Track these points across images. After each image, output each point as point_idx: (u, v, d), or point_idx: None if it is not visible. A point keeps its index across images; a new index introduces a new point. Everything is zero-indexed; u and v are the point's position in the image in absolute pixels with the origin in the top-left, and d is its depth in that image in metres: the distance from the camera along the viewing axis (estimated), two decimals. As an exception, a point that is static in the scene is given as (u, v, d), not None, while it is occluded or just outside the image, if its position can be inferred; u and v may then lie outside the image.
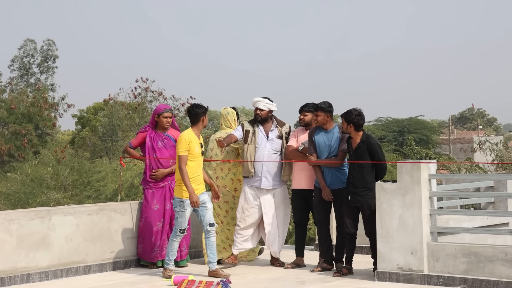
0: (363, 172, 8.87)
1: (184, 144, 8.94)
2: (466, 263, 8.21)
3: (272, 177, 9.69)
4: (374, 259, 8.94)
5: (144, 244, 9.72)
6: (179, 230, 9.00)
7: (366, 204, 8.89)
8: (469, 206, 13.00)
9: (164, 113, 9.78)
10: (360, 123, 8.89)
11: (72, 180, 26.87)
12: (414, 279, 8.45)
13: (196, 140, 9.03)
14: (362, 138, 8.91)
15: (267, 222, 9.74)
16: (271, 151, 9.72)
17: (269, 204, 9.73)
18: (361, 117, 8.90)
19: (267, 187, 9.71)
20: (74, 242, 9.31)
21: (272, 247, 9.81)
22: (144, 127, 9.93)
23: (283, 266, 9.75)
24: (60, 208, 9.42)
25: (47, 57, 50.15)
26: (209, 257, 9.11)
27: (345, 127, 8.95)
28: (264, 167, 9.68)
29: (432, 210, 8.57)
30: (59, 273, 9.13)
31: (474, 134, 59.39)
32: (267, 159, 9.66)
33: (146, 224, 9.71)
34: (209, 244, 9.07)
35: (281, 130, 9.80)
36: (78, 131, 43.84)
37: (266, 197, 9.74)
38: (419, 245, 8.45)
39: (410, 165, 8.60)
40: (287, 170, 9.76)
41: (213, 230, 9.05)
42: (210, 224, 9.03)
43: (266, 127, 9.81)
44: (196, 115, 9.07)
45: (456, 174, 10.95)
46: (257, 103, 9.76)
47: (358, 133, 8.93)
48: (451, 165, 23.11)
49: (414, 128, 49.66)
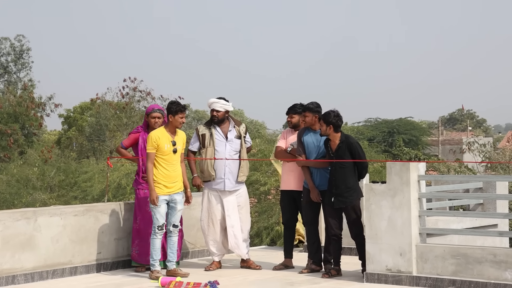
0: (345, 173, 8.89)
1: (150, 141, 9.06)
2: (455, 265, 8.24)
3: (234, 179, 9.62)
4: (362, 261, 8.97)
5: (140, 247, 9.68)
6: (157, 227, 9.05)
7: (351, 206, 8.92)
8: (458, 208, 13.05)
9: (153, 113, 9.76)
10: (339, 124, 8.95)
11: (58, 180, 26.77)
12: (402, 280, 8.47)
13: (167, 138, 9.07)
14: (341, 139, 8.96)
15: (230, 224, 9.63)
16: (231, 151, 9.64)
17: (232, 206, 9.65)
18: (339, 118, 8.97)
19: (231, 189, 9.63)
20: (60, 243, 9.29)
21: (238, 249, 9.70)
22: (136, 128, 9.96)
23: (259, 267, 9.70)
24: (46, 209, 9.40)
25: (21, 52, 50.10)
26: (169, 256, 9.17)
27: (324, 129, 8.98)
28: (227, 168, 9.59)
29: (421, 211, 8.61)
30: (45, 275, 9.10)
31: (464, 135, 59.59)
32: (228, 161, 9.57)
33: (140, 227, 9.67)
34: (170, 243, 9.18)
35: (239, 129, 9.72)
36: (64, 131, 43.73)
37: (229, 199, 9.66)
38: (408, 247, 8.47)
39: (400, 166, 8.62)
40: (244, 170, 9.70)
41: (176, 230, 9.17)
42: (174, 225, 9.15)
43: (224, 128, 9.71)
44: (169, 112, 9.14)
45: (445, 176, 11.01)
46: (213, 105, 9.66)
47: (336, 134, 8.98)
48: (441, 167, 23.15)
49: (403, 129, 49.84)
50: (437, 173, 21.49)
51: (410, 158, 37.41)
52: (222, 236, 9.71)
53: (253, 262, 9.77)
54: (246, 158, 9.70)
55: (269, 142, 22.14)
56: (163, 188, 9.04)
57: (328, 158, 9.05)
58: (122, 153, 9.95)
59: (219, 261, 9.79)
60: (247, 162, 9.75)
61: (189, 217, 10.60)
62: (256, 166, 19.08)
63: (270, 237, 18.74)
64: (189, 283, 8.45)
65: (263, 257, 10.62)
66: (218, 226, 9.69)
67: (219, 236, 9.70)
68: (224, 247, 9.77)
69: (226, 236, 9.70)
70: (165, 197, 9.07)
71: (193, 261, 10.47)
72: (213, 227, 9.70)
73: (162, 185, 9.04)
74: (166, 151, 9.06)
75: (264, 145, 21.18)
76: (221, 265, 9.81)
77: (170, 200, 9.12)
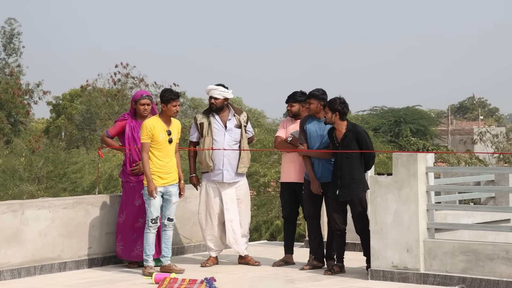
0: (351, 163, 8.87)
1: (144, 131, 9.05)
2: (465, 262, 8.24)
3: (233, 170, 9.57)
4: (367, 257, 8.97)
5: (124, 242, 9.64)
6: (150, 220, 9.06)
7: (357, 198, 8.91)
8: (469, 201, 13.06)
9: (141, 99, 9.68)
10: (345, 111, 8.93)
11: (46, 171, 26.80)
12: (409, 278, 8.48)
13: (162, 127, 9.07)
14: (348, 127, 8.94)
15: (228, 218, 9.60)
16: (231, 141, 9.59)
17: (230, 199, 9.63)
18: (345, 105, 8.94)
19: (229, 181, 9.60)
20: (48, 238, 9.29)
21: (237, 245, 9.68)
22: (123, 115, 9.81)
23: (258, 263, 9.71)
24: (34, 201, 9.39)
25: (12, 37, 49.97)
26: (164, 251, 9.19)
27: (329, 117, 8.95)
28: (225, 159, 9.55)
29: (429, 205, 8.60)
30: (33, 270, 9.10)
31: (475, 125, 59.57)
32: (226, 152, 9.51)
33: (126, 221, 9.62)
34: (165, 237, 9.20)
35: (239, 118, 9.67)
36: (53, 120, 43.73)
37: (227, 191, 9.63)
38: (415, 242, 8.47)
39: (406, 157, 8.61)
40: (245, 161, 9.65)
41: (171, 224, 9.18)
42: (169, 218, 9.17)
43: (223, 117, 9.65)
44: (162, 100, 9.14)
45: (455, 167, 10.99)
46: (211, 92, 9.60)
47: (342, 123, 8.96)
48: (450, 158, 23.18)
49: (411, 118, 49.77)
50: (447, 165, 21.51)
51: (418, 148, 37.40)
52: (220, 231, 9.70)
53: (251, 258, 9.77)
54: (246, 149, 9.65)
55: (269, 132, 22.15)
56: (157, 180, 9.04)
57: (332, 148, 9.03)
58: (107, 143, 9.83)
59: (216, 257, 9.79)
60: (248, 153, 9.70)
61: (185, 210, 10.61)
62: (255, 157, 19.08)
63: (269, 232, 18.78)
64: (184, 279, 8.44)
65: (262, 253, 10.63)
66: (216, 220, 9.67)
67: (217, 231, 9.69)
68: (222, 242, 9.76)
69: (224, 230, 9.69)
70: (160, 189, 9.07)
71: (188, 257, 10.48)
72: (210, 221, 9.68)
73: (156, 176, 9.04)
74: (161, 141, 9.06)
75: (264, 134, 21.19)
76: (218, 261, 9.82)
77: (165, 192, 9.12)
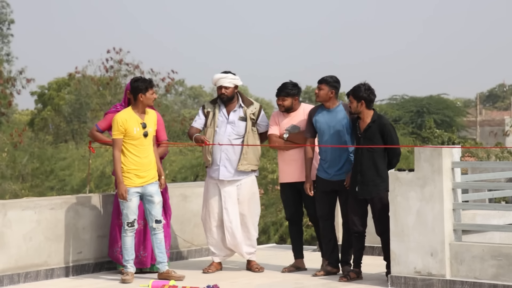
0: (373, 158, 8.88)
1: (116, 125, 9.03)
2: (496, 267, 8.25)
3: (233, 167, 9.52)
4: (387, 262, 8.99)
5: None
6: (127, 223, 9.09)
7: (378, 197, 8.92)
8: (500, 200, 13.06)
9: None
10: (371, 98, 8.89)
11: (31, 168, 26.89)
12: (434, 284, 8.50)
13: (135, 120, 9.06)
14: (373, 118, 8.92)
15: (227, 219, 9.58)
16: (232, 135, 9.54)
17: (230, 199, 9.58)
18: (371, 91, 8.90)
19: (227, 178, 9.55)
20: (34, 242, 9.32)
21: (237, 248, 9.68)
22: (114, 106, 9.81)
23: (262, 269, 9.68)
24: (18, 202, 9.43)
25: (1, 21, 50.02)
26: (158, 257, 9.19)
27: (354, 106, 8.93)
28: (223, 154, 9.50)
29: (455, 204, 8.61)
30: (16, 278, 9.14)
31: (506, 115, 59.51)
32: (224, 146, 9.47)
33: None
34: (156, 241, 9.19)
35: (246, 110, 9.60)
36: (38, 111, 43.79)
37: (227, 189, 9.58)
38: (440, 245, 8.49)
39: (430, 151, 8.62)
40: (250, 158, 9.56)
41: (160, 226, 9.17)
42: (156, 220, 9.15)
43: (229, 107, 9.62)
44: (135, 91, 9.11)
45: (484, 162, 10.97)
46: (220, 81, 9.52)
47: (369, 112, 8.94)
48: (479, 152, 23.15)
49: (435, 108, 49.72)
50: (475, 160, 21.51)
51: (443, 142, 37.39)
52: (221, 233, 9.69)
53: (254, 263, 9.77)
54: (249, 144, 9.53)
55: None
56: (134, 179, 9.03)
57: (355, 140, 9.04)
58: (97, 137, 9.75)
59: (219, 262, 9.81)
60: (255, 149, 9.60)
61: (185, 210, 10.64)
62: (262, 152, 19.05)
63: (278, 234, 18.79)
64: (185, 287, 8.48)
65: (271, 258, 10.65)
66: (215, 221, 9.66)
67: (216, 232, 9.69)
68: (225, 246, 9.75)
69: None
70: (137, 189, 9.06)
71: (189, 262, 10.51)
72: (209, 221, 9.70)
73: (133, 175, 9.03)
74: (135, 135, 9.03)
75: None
76: (222, 267, 9.83)
77: (144, 192, 9.11)
